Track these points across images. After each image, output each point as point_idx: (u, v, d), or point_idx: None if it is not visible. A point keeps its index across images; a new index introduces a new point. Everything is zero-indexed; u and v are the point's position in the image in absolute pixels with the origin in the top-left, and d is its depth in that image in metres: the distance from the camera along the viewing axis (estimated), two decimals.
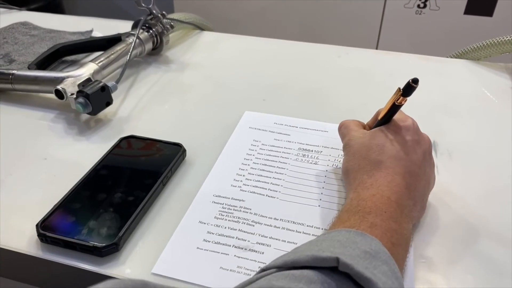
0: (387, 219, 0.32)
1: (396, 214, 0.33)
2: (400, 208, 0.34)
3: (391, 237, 0.31)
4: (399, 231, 0.32)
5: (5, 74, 0.57)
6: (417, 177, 0.37)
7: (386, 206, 0.33)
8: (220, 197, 0.42)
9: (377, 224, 0.32)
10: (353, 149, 0.40)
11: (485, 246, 0.37)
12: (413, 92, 0.38)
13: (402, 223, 0.33)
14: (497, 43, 0.64)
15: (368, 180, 0.36)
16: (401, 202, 0.34)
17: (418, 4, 1.39)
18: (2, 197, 0.42)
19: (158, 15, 0.66)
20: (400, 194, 0.35)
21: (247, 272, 0.35)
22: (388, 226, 0.32)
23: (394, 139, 0.38)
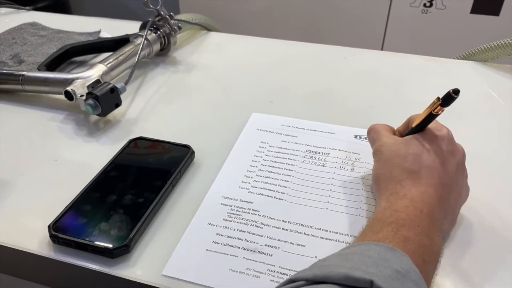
0: (420, 234, 0.32)
1: (428, 228, 0.33)
2: (432, 221, 0.33)
3: (423, 254, 0.31)
4: (431, 247, 0.32)
5: (15, 75, 0.57)
6: (449, 188, 0.36)
7: (419, 220, 0.33)
8: (229, 199, 0.43)
9: (410, 239, 0.31)
10: (384, 156, 0.39)
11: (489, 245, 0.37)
12: (452, 102, 0.38)
13: (434, 238, 0.33)
14: (504, 45, 0.64)
15: (401, 190, 0.35)
16: (433, 215, 0.34)
17: (424, 3, 1.39)
18: (14, 197, 0.43)
19: (166, 16, 0.67)
20: (432, 207, 0.34)
21: (256, 274, 0.35)
22: (421, 241, 0.31)
23: (430, 149, 0.37)
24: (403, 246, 0.30)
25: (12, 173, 0.46)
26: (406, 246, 0.30)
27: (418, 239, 0.31)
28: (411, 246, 0.31)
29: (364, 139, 0.51)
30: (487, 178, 0.46)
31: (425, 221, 0.33)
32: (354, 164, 0.47)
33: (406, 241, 0.31)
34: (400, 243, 0.30)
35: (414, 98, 0.60)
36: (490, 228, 0.39)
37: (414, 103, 0.59)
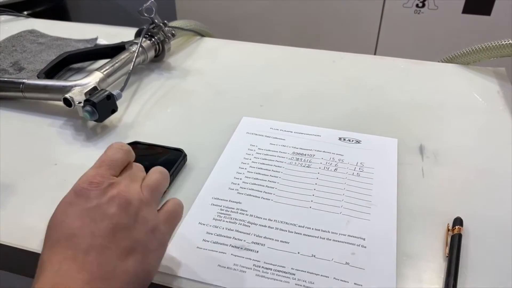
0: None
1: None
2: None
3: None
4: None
5: (16, 83, 0.60)
6: (103, 249, 0.30)
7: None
8: (219, 199, 0.46)
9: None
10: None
11: (470, 243, 0.40)
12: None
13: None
14: (486, 48, 0.66)
15: (39, 272, 0.30)
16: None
17: (417, 4, 1.41)
18: (17, 200, 0.46)
19: (160, 24, 0.69)
20: (68, 285, 0.28)
21: (243, 269, 0.38)
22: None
23: (70, 206, 0.32)
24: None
25: (13, 177, 0.49)
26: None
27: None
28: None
29: (347, 141, 0.54)
30: (470, 177, 0.48)
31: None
32: (337, 165, 0.50)
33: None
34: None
35: (399, 100, 0.62)
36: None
37: (398, 105, 0.61)
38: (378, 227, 0.42)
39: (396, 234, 0.41)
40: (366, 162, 0.50)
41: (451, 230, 0.41)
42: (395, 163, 0.50)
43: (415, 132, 0.56)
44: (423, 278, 0.38)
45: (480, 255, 0.39)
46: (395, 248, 0.40)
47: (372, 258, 0.39)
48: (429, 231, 0.42)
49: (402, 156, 0.51)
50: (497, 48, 0.65)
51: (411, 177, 0.48)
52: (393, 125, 0.57)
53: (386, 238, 0.41)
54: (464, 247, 0.40)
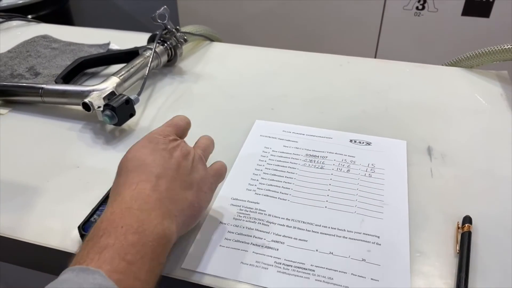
0: (124, 234, 0.32)
1: (138, 223, 0.33)
2: (145, 213, 0.34)
3: (126, 255, 0.31)
4: (141, 241, 0.32)
5: (35, 88, 0.62)
6: (172, 179, 0.38)
7: (124, 219, 0.33)
8: (237, 200, 0.48)
9: (108, 246, 0.31)
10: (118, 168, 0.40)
11: (479, 241, 0.42)
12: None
13: (146, 230, 0.33)
14: (489, 52, 0.69)
15: (117, 196, 0.36)
16: (146, 207, 0.34)
17: (417, 6, 1.44)
18: (43, 202, 0.48)
19: (173, 29, 0.71)
20: (143, 199, 0.35)
21: (265, 266, 0.40)
22: (123, 242, 0.31)
23: (147, 146, 0.40)
24: (99, 258, 0.30)
25: (38, 179, 0.51)
26: (103, 256, 0.30)
27: (118, 242, 0.31)
28: (109, 254, 0.30)
29: (358, 143, 0.56)
30: (471, 177, 0.50)
31: (133, 217, 0.33)
32: (350, 166, 0.52)
33: (102, 251, 0.30)
34: (95, 256, 0.30)
35: (405, 103, 0.64)
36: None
37: (405, 108, 0.64)
38: (391, 226, 0.44)
39: (409, 232, 0.43)
40: (377, 164, 0.52)
41: (460, 228, 0.43)
42: (404, 164, 0.52)
43: (422, 134, 0.58)
44: (436, 273, 0.40)
45: (489, 252, 0.41)
46: (408, 245, 0.42)
47: (387, 255, 0.41)
48: (440, 229, 0.44)
49: (411, 157, 0.53)
50: (500, 52, 0.67)
51: (421, 177, 0.50)
52: (400, 127, 0.59)
53: (399, 236, 0.43)
54: (473, 244, 0.42)
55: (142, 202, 0.35)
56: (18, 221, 0.45)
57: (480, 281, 0.39)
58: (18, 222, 0.45)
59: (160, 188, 0.36)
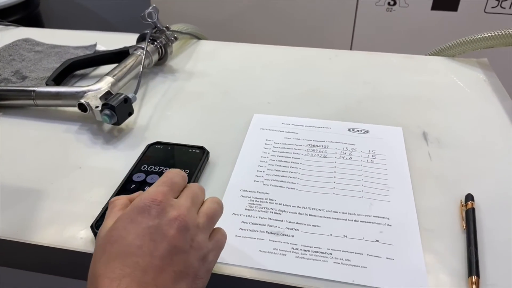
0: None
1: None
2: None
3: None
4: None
5: (27, 91, 0.60)
6: (160, 270, 0.31)
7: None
8: (247, 191, 0.48)
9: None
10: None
11: (482, 216, 0.44)
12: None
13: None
14: (469, 41, 0.72)
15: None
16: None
17: (389, 2, 1.48)
18: (48, 204, 0.47)
19: (163, 28, 0.71)
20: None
21: (283, 252, 0.41)
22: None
23: (130, 222, 0.33)
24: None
25: (41, 183, 0.50)
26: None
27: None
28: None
29: (356, 131, 0.57)
30: (472, 156, 0.53)
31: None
32: (351, 154, 0.53)
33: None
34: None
35: (396, 92, 0.67)
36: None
37: (396, 97, 0.66)
38: (399, 207, 0.45)
39: (416, 212, 0.45)
40: (377, 150, 0.54)
41: (464, 205, 0.45)
42: (403, 149, 0.54)
43: (415, 121, 0.60)
44: (446, 249, 0.41)
45: (493, 226, 0.43)
46: (417, 224, 0.43)
47: (398, 234, 0.42)
48: (444, 208, 0.46)
49: (408, 143, 0.55)
50: (481, 40, 0.70)
51: (420, 160, 0.52)
52: (394, 115, 0.61)
53: (407, 216, 0.44)
54: (477, 220, 0.44)
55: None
56: (25, 224, 0.44)
57: (488, 253, 0.41)
58: (25, 226, 0.44)
59: (147, 286, 0.30)
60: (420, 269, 0.39)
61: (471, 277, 0.38)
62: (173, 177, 0.36)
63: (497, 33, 0.69)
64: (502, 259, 0.40)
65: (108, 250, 0.32)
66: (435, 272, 0.39)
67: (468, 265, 0.39)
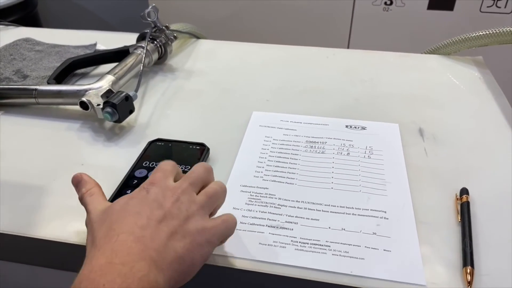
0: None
1: (121, 277, 0.30)
2: (129, 266, 0.31)
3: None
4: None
5: (29, 89, 0.61)
6: (157, 229, 0.34)
7: (105, 276, 0.30)
8: (247, 186, 0.49)
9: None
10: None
11: (476, 209, 0.45)
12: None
13: (132, 285, 0.30)
14: (464, 40, 0.73)
15: (93, 252, 0.33)
16: (128, 259, 0.31)
17: (385, 2, 1.49)
18: (52, 199, 0.48)
19: (162, 27, 0.72)
20: (126, 251, 0.32)
21: (282, 245, 0.42)
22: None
23: (132, 197, 0.37)
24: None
25: (44, 179, 0.50)
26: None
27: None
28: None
29: (354, 128, 0.59)
30: (467, 152, 0.54)
31: (115, 272, 0.30)
32: (349, 150, 0.54)
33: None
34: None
35: (392, 90, 0.68)
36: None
37: (393, 94, 0.67)
38: (395, 201, 0.47)
39: (412, 206, 0.46)
40: (374, 146, 0.55)
41: (459, 199, 0.46)
42: (400, 145, 0.55)
43: (412, 117, 0.61)
44: (442, 241, 0.42)
45: (487, 219, 0.45)
46: (414, 218, 0.45)
47: (395, 227, 0.43)
48: (440, 202, 0.47)
49: (404, 139, 0.56)
50: (476, 39, 0.71)
51: (416, 156, 0.53)
52: (391, 112, 0.62)
53: (404, 210, 0.45)
54: (471, 214, 0.45)
55: (124, 254, 0.31)
56: (29, 219, 0.45)
57: (482, 245, 0.42)
58: (29, 221, 0.45)
59: (145, 239, 0.33)
60: (417, 261, 0.40)
61: (466, 267, 0.39)
62: (164, 164, 0.40)
63: (492, 32, 0.70)
64: (496, 250, 0.41)
65: (108, 219, 0.35)
66: (431, 263, 0.40)
67: (463, 256, 0.40)
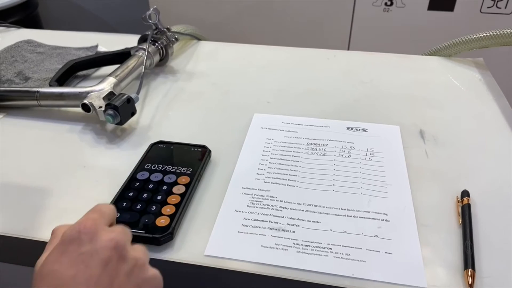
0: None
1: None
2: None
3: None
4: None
5: (31, 92, 0.61)
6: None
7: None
8: (248, 188, 0.49)
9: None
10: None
11: (477, 211, 0.46)
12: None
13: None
14: (465, 41, 0.73)
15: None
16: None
17: (386, 2, 1.49)
18: (54, 201, 0.48)
19: (164, 29, 0.72)
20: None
21: (284, 247, 0.42)
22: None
23: (61, 254, 0.30)
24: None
25: (46, 181, 0.51)
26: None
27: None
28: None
29: (355, 130, 0.59)
30: (468, 154, 0.54)
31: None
32: (350, 152, 0.55)
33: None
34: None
35: (393, 92, 0.68)
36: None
37: (393, 96, 0.67)
38: (397, 203, 0.47)
39: (413, 208, 0.46)
40: (375, 148, 0.55)
41: (460, 201, 0.46)
42: (400, 147, 0.55)
43: (412, 119, 0.61)
44: (442, 243, 0.43)
45: (488, 221, 0.45)
46: (415, 220, 0.45)
47: (396, 230, 0.44)
48: (441, 204, 0.47)
49: (405, 141, 0.57)
50: (477, 40, 0.71)
51: (417, 158, 0.54)
52: (392, 114, 0.62)
53: (405, 212, 0.46)
54: (473, 216, 0.45)
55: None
56: (30, 222, 0.45)
57: (483, 247, 0.42)
58: (31, 223, 0.45)
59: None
60: (418, 263, 0.40)
61: (467, 270, 0.39)
62: (102, 207, 0.35)
63: (492, 33, 0.70)
64: (497, 253, 0.41)
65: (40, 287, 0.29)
66: (432, 265, 0.40)
67: (464, 259, 0.40)
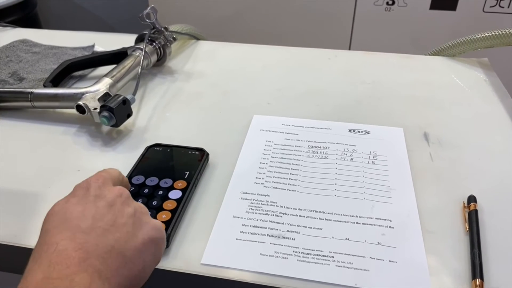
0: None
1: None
2: (68, 280, 0.28)
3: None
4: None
5: (24, 93, 0.60)
6: (103, 231, 0.31)
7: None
8: (247, 193, 0.48)
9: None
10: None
11: (485, 218, 0.44)
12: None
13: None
14: (469, 41, 0.71)
15: (30, 264, 0.29)
16: (67, 272, 0.28)
17: (387, 1, 1.47)
18: (48, 207, 0.46)
19: (161, 28, 0.71)
20: (64, 263, 0.29)
21: (284, 256, 0.40)
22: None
23: (68, 201, 0.33)
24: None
25: (39, 186, 0.49)
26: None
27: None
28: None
29: (357, 132, 0.57)
30: (474, 157, 0.52)
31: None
32: (352, 155, 0.53)
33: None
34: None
35: (396, 92, 0.66)
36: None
37: (396, 97, 0.65)
38: (401, 209, 0.45)
39: (418, 214, 0.44)
40: (378, 151, 0.53)
41: (467, 207, 0.45)
42: (404, 150, 0.54)
43: (416, 121, 0.59)
44: (449, 251, 0.41)
45: (496, 228, 0.43)
46: (420, 226, 0.43)
47: (401, 237, 0.42)
48: (447, 210, 0.45)
49: (409, 144, 0.55)
50: (481, 40, 0.70)
51: (421, 161, 0.52)
52: (395, 115, 0.61)
53: (410, 218, 0.44)
54: (480, 222, 0.43)
55: (63, 267, 0.28)
56: (23, 228, 0.44)
57: (492, 256, 0.40)
58: (23, 230, 0.44)
59: (87, 246, 0.30)
60: (423, 272, 0.39)
61: (475, 280, 0.37)
62: (110, 170, 0.38)
63: (497, 33, 0.68)
64: (506, 262, 0.40)
65: (49, 225, 0.31)
66: (438, 274, 0.39)
67: (472, 268, 0.39)
